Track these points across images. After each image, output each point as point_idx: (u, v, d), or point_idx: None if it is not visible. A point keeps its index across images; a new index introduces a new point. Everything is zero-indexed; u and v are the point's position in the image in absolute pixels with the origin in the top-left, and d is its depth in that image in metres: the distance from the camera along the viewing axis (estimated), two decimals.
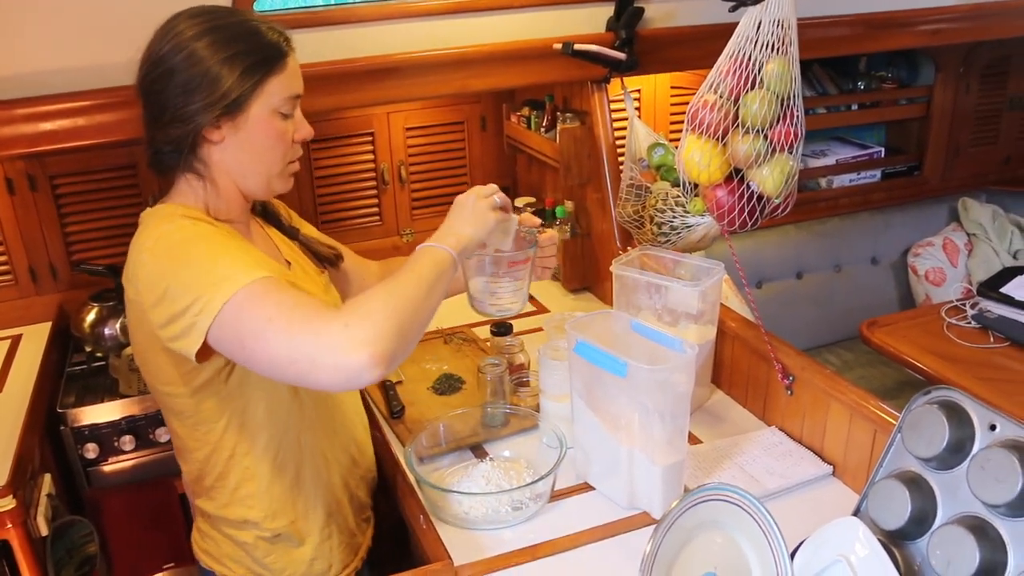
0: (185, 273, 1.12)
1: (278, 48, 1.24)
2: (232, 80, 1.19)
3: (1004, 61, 3.09)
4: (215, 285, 1.10)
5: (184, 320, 1.11)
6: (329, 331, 1.05)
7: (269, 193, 1.32)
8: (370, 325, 1.05)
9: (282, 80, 1.23)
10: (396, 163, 2.48)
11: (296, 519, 1.38)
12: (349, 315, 1.07)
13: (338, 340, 1.05)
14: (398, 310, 1.09)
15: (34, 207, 2.14)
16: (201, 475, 1.35)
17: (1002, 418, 1.07)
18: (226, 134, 1.22)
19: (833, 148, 3.04)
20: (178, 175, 1.27)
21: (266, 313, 1.08)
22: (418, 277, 1.15)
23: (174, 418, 1.32)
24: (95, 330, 2.09)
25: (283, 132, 1.26)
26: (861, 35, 2.37)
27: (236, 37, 1.20)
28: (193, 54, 1.18)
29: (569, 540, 1.38)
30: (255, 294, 1.09)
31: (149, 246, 1.17)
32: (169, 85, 1.19)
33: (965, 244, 2.99)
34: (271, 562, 1.38)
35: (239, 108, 1.20)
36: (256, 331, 1.08)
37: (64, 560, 1.71)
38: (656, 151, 1.94)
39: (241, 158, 1.25)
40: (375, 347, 1.04)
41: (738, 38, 1.48)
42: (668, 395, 1.35)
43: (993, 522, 1.04)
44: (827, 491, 1.49)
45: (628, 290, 1.68)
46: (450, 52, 1.92)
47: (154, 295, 1.14)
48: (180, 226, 1.18)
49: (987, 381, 2.00)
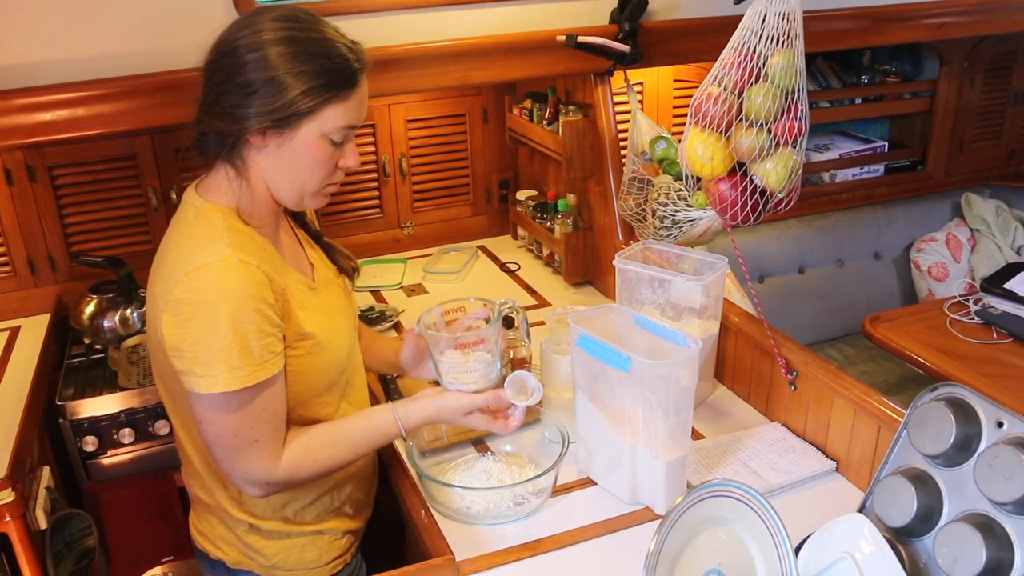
0: (199, 340, 1.17)
1: (350, 77, 1.21)
2: (291, 96, 1.17)
3: (1009, 56, 3.08)
4: (207, 368, 1.17)
5: (185, 371, 1.20)
6: (247, 472, 1.25)
7: (300, 207, 1.31)
8: (286, 483, 1.29)
9: (343, 108, 1.22)
10: (397, 155, 2.46)
11: (292, 515, 1.39)
12: (284, 478, 1.28)
13: (250, 482, 1.27)
14: (321, 471, 1.32)
15: (33, 198, 2.13)
16: (201, 465, 1.37)
17: (1010, 415, 1.06)
18: (270, 144, 1.21)
19: (836, 142, 3.03)
20: (218, 163, 1.27)
21: (224, 424, 1.22)
22: (356, 449, 1.35)
23: (177, 416, 1.34)
24: (94, 322, 2.08)
25: (328, 157, 1.25)
26: (866, 28, 2.35)
27: (311, 54, 1.18)
28: (264, 58, 1.16)
29: (571, 535, 1.38)
30: (219, 405, 1.20)
31: (188, 271, 1.17)
32: (232, 79, 1.18)
33: (968, 239, 2.98)
34: (263, 547, 1.40)
35: (289, 125, 1.19)
36: (208, 424, 1.23)
37: (63, 553, 1.70)
38: (659, 144, 1.92)
39: (280, 169, 1.24)
40: (274, 490, 1.30)
41: (743, 31, 1.47)
42: (672, 390, 1.34)
43: (1000, 520, 1.04)
44: (831, 487, 1.48)
45: (631, 284, 1.67)
46: (452, 44, 1.90)
47: (171, 331, 1.18)
48: (220, 274, 1.17)
49: (990, 377, 1.99)
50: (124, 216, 2.23)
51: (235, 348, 1.17)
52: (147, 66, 1.70)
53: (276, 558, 1.41)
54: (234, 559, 1.41)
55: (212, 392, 1.18)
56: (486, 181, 2.61)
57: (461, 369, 1.38)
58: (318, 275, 1.40)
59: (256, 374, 1.19)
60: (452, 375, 1.39)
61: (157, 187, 2.21)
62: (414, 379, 1.64)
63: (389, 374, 1.80)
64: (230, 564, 1.42)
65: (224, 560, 1.42)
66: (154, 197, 2.21)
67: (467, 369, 1.38)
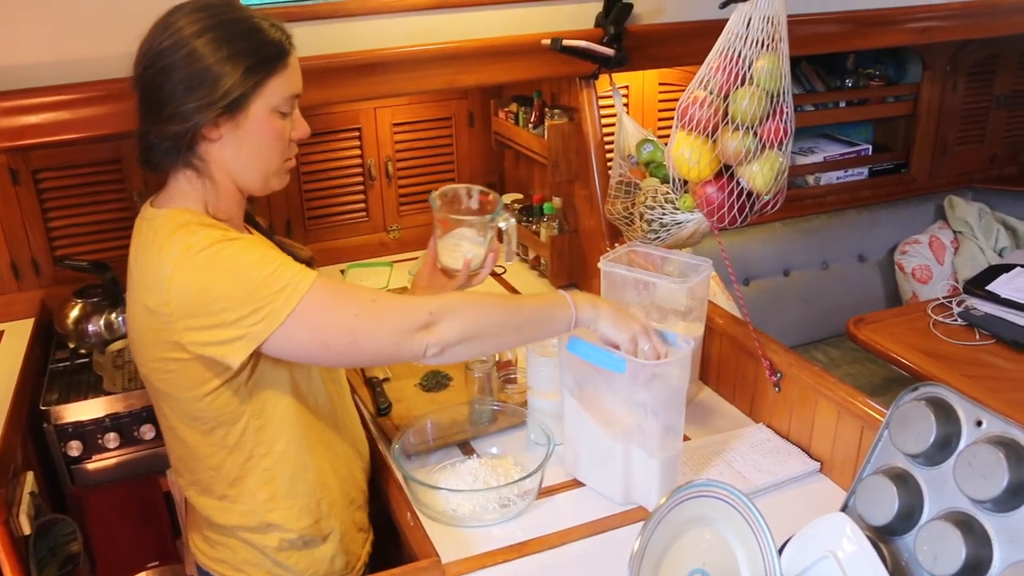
0: (236, 285, 1.14)
1: (280, 47, 1.22)
2: (234, 79, 1.17)
3: (992, 60, 3.10)
4: (276, 295, 1.14)
5: (233, 330, 1.14)
6: (417, 316, 1.20)
7: (266, 189, 1.30)
8: (448, 319, 1.22)
9: (283, 79, 1.22)
10: (383, 159, 2.46)
11: (320, 518, 1.36)
12: (435, 304, 1.22)
13: (423, 324, 1.20)
14: (478, 323, 1.25)
15: (16, 201, 2.11)
16: (212, 483, 1.32)
17: (988, 414, 1.07)
18: (224, 132, 1.21)
19: (821, 145, 3.05)
20: (173, 172, 1.25)
21: (350, 308, 1.18)
22: (520, 310, 1.31)
23: (185, 425, 1.28)
24: (79, 326, 2.06)
25: (281, 131, 1.25)
26: (850, 32, 2.37)
27: (238, 35, 1.19)
28: (194, 52, 1.16)
29: (557, 537, 1.38)
30: (326, 295, 1.17)
31: (176, 259, 1.15)
32: (168, 82, 1.17)
33: (952, 242, 3.00)
34: (293, 563, 1.36)
35: (239, 107, 1.19)
36: (343, 329, 1.17)
37: (47, 559, 1.69)
38: (645, 148, 1.93)
39: (239, 156, 1.24)
40: (444, 338, 1.21)
41: (728, 34, 1.48)
42: (664, 389, 1.35)
43: (979, 518, 1.05)
44: (815, 487, 1.49)
45: (616, 287, 1.67)
46: (437, 47, 1.90)
47: (190, 306, 1.14)
48: (210, 237, 1.16)
49: (973, 378, 2.01)
50: (109, 220, 2.21)
51: (277, 272, 1.15)
52: (132, 69, 1.69)
53: (307, 573, 1.37)
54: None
55: (284, 320, 1.13)
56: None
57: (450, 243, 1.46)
58: None
59: (308, 274, 1.17)
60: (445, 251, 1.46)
61: (143, 191, 2.20)
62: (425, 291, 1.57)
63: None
64: None
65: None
66: (139, 201, 2.18)
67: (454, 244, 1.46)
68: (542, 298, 1.35)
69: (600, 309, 1.34)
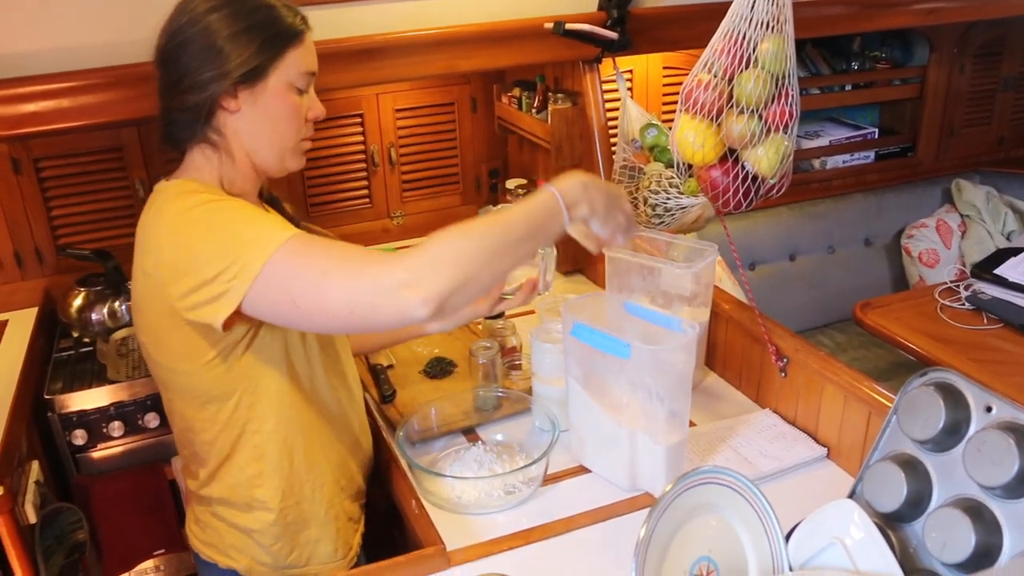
0: (214, 240, 1.13)
1: (295, 24, 1.25)
2: (251, 50, 1.20)
3: (998, 41, 3.07)
4: (250, 247, 1.10)
5: (215, 287, 1.11)
6: (390, 272, 1.05)
7: (282, 170, 1.32)
8: (430, 270, 1.05)
9: (300, 54, 1.25)
10: (386, 145, 2.45)
11: (302, 500, 1.37)
12: (414, 259, 1.06)
13: (399, 282, 1.04)
14: (466, 258, 1.07)
15: (18, 190, 2.11)
16: (206, 458, 1.34)
17: (998, 400, 1.06)
18: (243, 103, 1.23)
19: (827, 129, 3.03)
20: (192, 147, 1.27)
21: (319, 265, 1.08)
22: (509, 227, 1.12)
23: (180, 399, 1.31)
24: (82, 315, 2.06)
25: (298, 106, 1.28)
26: (856, 14, 2.34)
27: (253, 10, 1.22)
28: (209, 26, 1.20)
29: (563, 524, 1.38)
30: (297, 250, 1.09)
31: (169, 220, 1.17)
32: (184, 55, 1.21)
33: (959, 225, 2.98)
34: (278, 548, 1.37)
35: (258, 77, 1.22)
36: (310, 283, 1.08)
37: (53, 547, 1.69)
38: (649, 132, 1.92)
39: (256, 129, 1.26)
40: (430, 292, 1.04)
41: (732, 16, 1.46)
42: (670, 375, 1.34)
43: (989, 504, 1.04)
44: (821, 473, 1.49)
45: (620, 272, 1.66)
46: (437, 32, 1.89)
47: (177, 265, 1.14)
48: (201, 199, 1.18)
49: (981, 363, 1.99)
50: (111, 208, 2.21)
51: (253, 225, 1.13)
52: (133, 56, 1.67)
53: (290, 557, 1.39)
54: (246, 566, 1.38)
55: (259, 271, 1.08)
56: (475, 170, 2.60)
57: None
58: None
59: (287, 229, 1.12)
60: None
61: (144, 179, 2.19)
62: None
63: (377, 357, 1.80)
64: (242, 572, 1.39)
65: (236, 568, 1.39)
66: (141, 189, 2.19)
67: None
68: (529, 206, 1.15)
69: (595, 204, 1.20)
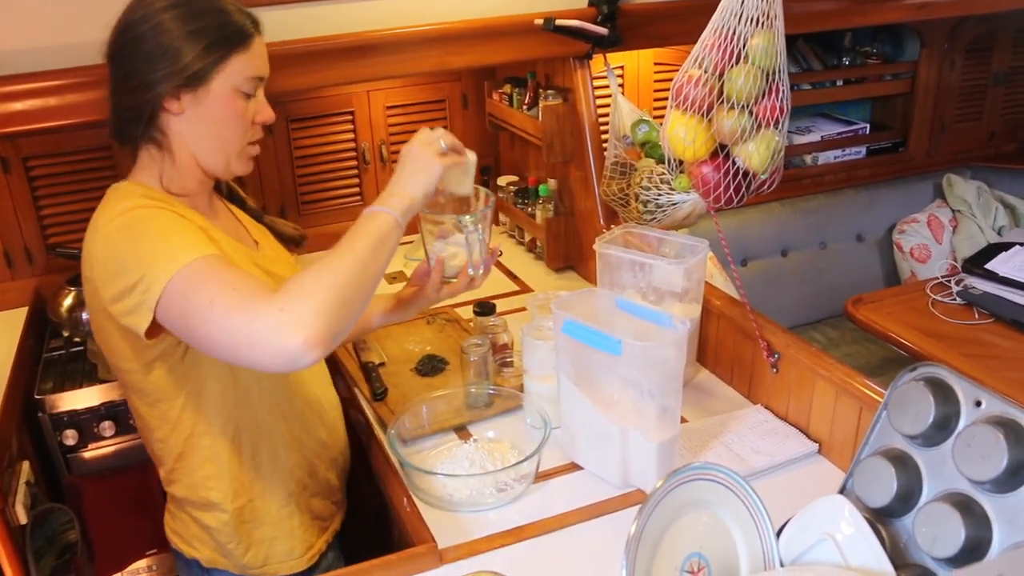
0: (135, 250, 1.13)
1: (243, 28, 1.25)
2: (196, 52, 1.20)
3: (989, 37, 3.08)
4: (159, 263, 1.10)
5: (133, 297, 1.12)
6: (265, 314, 1.04)
7: (228, 173, 1.32)
8: (305, 307, 1.04)
9: (246, 59, 1.25)
10: (377, 142, 2.44)
11: (254, 498, 1.38)
12: (284, 298, 1.05)
13: (274, 324, 1.03)
14: (334, 288, 1.07)
15: (7, 190, 2.10)
16: (163, 456, 1.36)
17: (987, 394, 1.06)
18: (186, 106, 1.23)
19: (818, 124, 3.03)
20: (140, 146, 1.28)
21: (208, 294, 1.07)
22: (355, 250, 1.14)
23: (135, 395, 1.33)
24: (72, 315, 2.05)
25: (243, 111, 1.27)
26: (847, 9, 2.35)
27: (204, 12, 1.22)
28: (160, 24, 1.20)
29: (555, 521, 1.37)
30: (197, 273, 1.09)
31: (103, 224, 1.18)
32: (135, 52, 1.21)
33: (950, 221, 2.99)
34: (234, 547, 1.39)
35: (200, 81, 1.22)
36: (199, 311, 1.07)
37: (44, 548, 1.69)
38: (640, 128, 1.92)
39: (199, 132, 1.26)
40: (310, 330, 1.03)
41: (723, 12, 1.46)
42: (661, 371, 1.34)
43: (978, 499, 1.04)
44: (813, 469, 1.49)
45: (612, 268, 1.66)
46: (428, 28, 1.88)
47: (106, 271, 1.15)
48: (135, 204, 1.18)
49: (972, 357, 2.00)
50: None
51: (169, 241, 1.12)
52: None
53: (247, 555, 1.40)
54: (208, 557, 1.40)
55: (163, 289, 1.08)
56: None
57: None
58: (263, 252, 1.41)
59: (199, 249, 1.11)
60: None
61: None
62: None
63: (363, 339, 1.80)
64: (204, 563, 1.41)
65: (199, 559, 1.41)
66: None
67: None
68: (362, 225, 1.19)
69: (400, 187, 1.27)
